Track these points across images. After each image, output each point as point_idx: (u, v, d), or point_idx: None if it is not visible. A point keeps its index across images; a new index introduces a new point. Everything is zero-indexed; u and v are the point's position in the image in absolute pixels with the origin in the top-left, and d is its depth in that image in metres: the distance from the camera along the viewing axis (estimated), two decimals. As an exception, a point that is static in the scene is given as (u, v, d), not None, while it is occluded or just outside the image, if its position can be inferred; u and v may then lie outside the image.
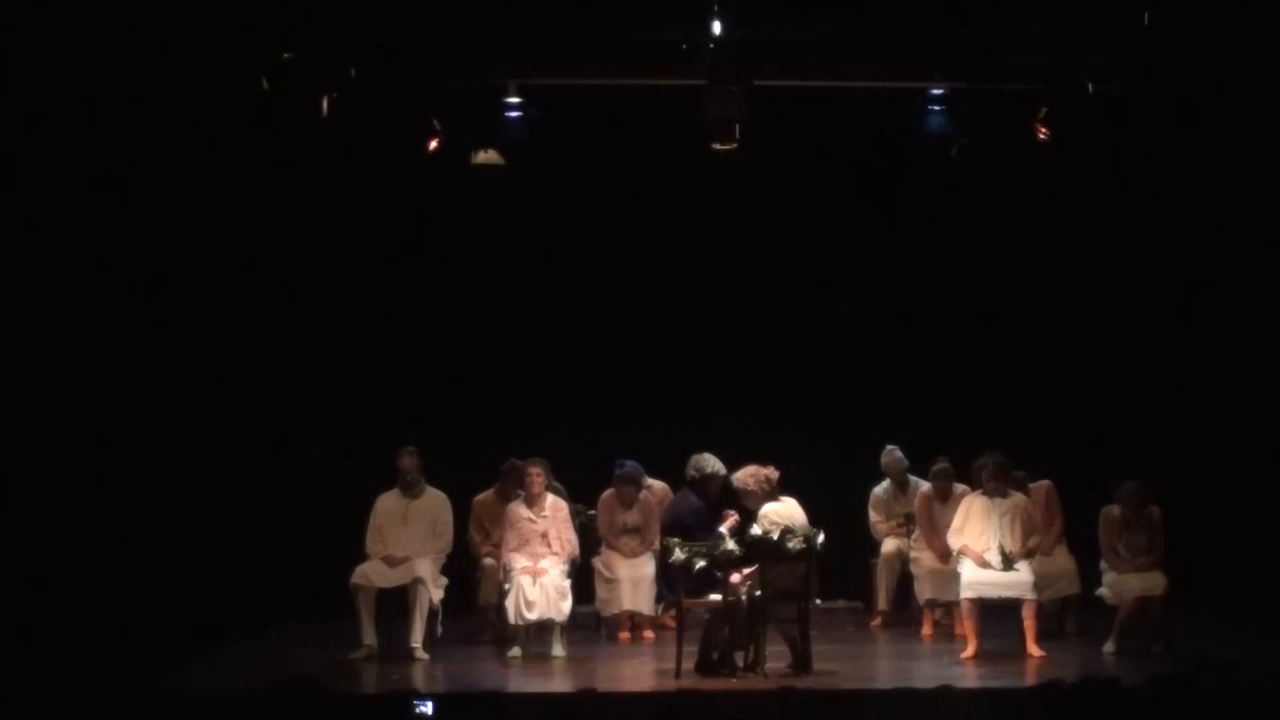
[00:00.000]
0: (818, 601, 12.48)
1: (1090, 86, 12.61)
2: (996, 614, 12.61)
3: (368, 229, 14.86)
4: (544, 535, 12.79)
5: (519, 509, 12.86)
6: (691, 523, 12.09)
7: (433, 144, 13.35)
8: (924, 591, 13.61)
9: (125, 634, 12.00)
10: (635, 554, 13.50)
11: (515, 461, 13.21)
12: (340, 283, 14.96)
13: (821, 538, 11.77)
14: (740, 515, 11.97)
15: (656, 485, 13.79)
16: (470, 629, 13.46)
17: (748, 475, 11.91)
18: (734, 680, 11.59)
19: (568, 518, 12.95)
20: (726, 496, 12.18)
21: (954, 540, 12.77)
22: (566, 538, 12.87)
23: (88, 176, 12.46)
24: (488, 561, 13.33)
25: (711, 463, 12.31)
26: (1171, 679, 7.97)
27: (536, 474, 12.84)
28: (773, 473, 11.92)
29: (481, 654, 12.97)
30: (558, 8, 12.22)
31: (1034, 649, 12.28)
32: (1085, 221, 14.90)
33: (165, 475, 13.26)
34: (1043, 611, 12.70)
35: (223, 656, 12.57)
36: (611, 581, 13.45)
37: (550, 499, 12.91)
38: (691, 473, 12.36)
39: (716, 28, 12.15)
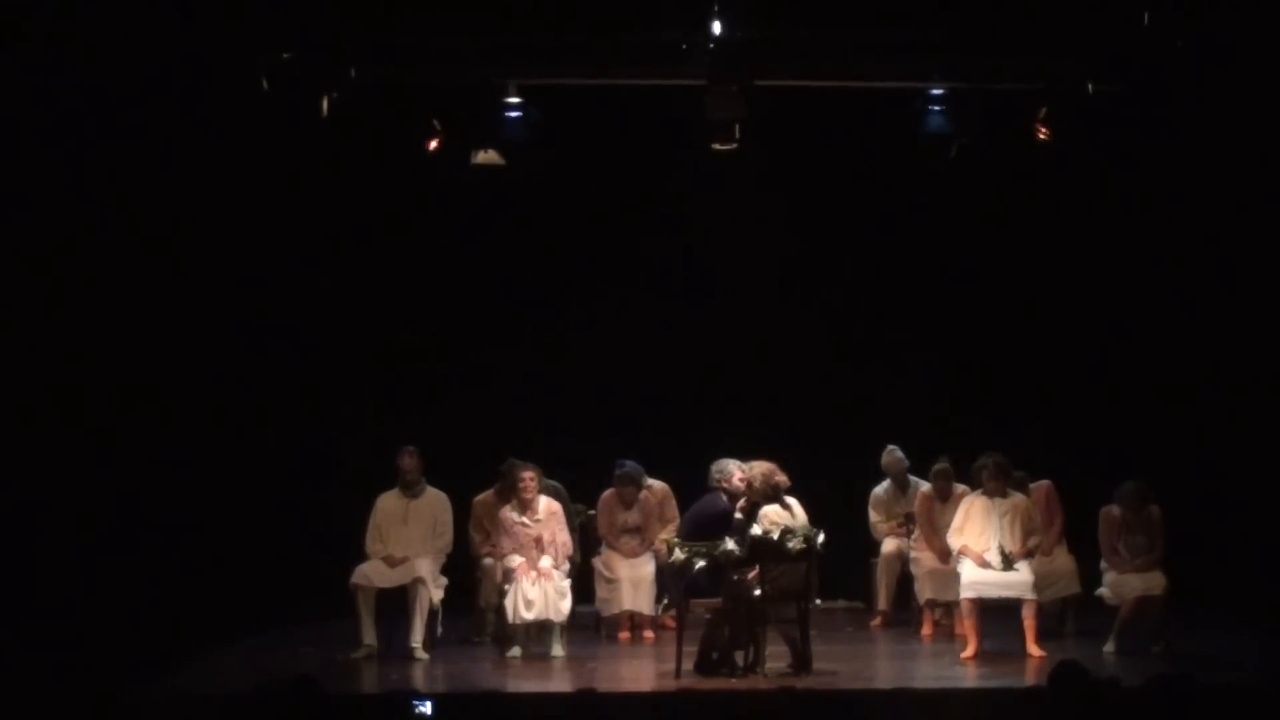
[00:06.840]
0: (818, 601, 12.49)
1: (1090, 86, 12.61)
2: (996, 614, 12.61)
3: (367, 229, 14.85)
4: (538, 540, 12.75)
5: (510, 514, 12.81)
6: (714, 525, 12.01)
7: (433, 144, 13.33)
8: (924, 591, 13.61)
9: (125, 634, 11.99)
10: (635, 554, 13.50)
11: (515, 461, 13.19)
12: (340, 283, 14.94)
13: (821, 538, 11.78)
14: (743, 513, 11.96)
15: (656, 485, 13.79)
16: (470, 629, 13.46)
17: (758, 470, 11.90)
18: (734, 680, 11.59)
19: (562, 520, 12.90)
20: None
21: (954, 540, 12.78)
22: (561, 541, 12.82)
23: (88, 177, 12.45)
24: (488, 561, 13.32)
25: (734, 466, 12.21)
26: (1171, 679, 7.96)
27: (529, 479, 12.78)
28: (784, 480, 11.91)
29: (481, 654, 12.97)
30: (558, 8, 12.21)
31: (1034, 649, 12.29)
32: (1085, 221, 14.89)
33: (166, 475, 13.24)
34: (1043, 611, 12.71)
35: (223, 656, 12.57)
36: (611, 581, 13.44)
37: (544, 502, 12.87)
38: (714, 481, 12.23)
39: (716, 28, 12.15)
